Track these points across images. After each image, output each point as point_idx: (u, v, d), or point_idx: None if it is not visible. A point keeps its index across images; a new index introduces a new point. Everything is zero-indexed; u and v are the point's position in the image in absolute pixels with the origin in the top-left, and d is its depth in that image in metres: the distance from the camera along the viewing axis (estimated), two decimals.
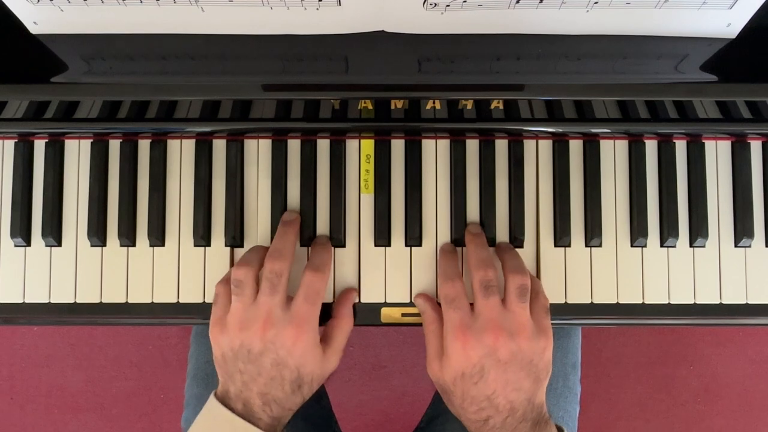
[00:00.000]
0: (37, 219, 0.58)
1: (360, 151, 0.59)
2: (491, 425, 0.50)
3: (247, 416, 0.51)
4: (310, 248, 0.58)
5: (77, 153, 0.59)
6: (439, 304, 0.55)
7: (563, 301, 0.58)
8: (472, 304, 0.53)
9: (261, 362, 0.51)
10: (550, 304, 0.56)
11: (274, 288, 0.52)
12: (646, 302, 0.58)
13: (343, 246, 0.58)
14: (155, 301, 0.58)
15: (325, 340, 0.55)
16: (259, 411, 0.51)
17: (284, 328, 0.51)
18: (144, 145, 0.59)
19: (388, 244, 0.58)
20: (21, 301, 0.58)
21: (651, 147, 0.59)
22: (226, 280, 0.55)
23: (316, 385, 0.54)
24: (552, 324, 0.54)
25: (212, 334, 0.53)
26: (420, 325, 0.57)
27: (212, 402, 0.52)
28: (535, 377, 0.51)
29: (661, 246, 0.59)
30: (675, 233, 0.58)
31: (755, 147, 0.59)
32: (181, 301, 0.58)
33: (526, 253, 0.58)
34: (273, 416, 0.51)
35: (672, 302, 0.58)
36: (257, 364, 0.51)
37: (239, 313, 0.52)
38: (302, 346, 0.51)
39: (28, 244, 0.59)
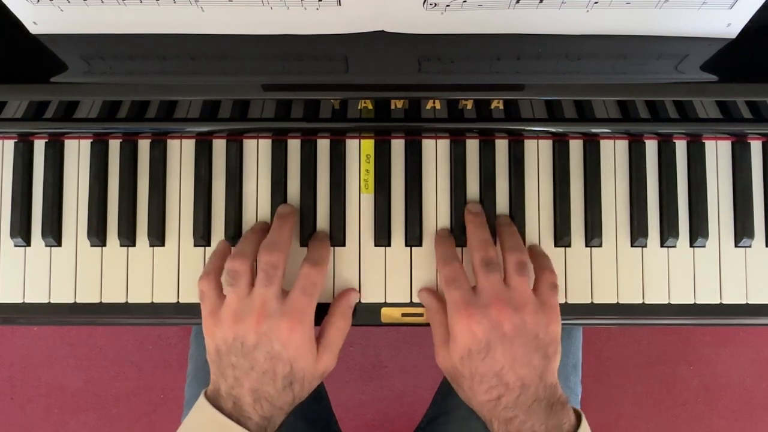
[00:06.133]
0: (37, 219, 0.58)
1: (360, 151, 0.59)
2: (504, 404, 0.50)
3: (236, 415, 0.50)
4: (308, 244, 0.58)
5: (77, 153, 0.59)
6: (444, 304, 0.55)
7: (563, 301, 0.58)
8: (473, 287, 0.53)
9: (254, 356, 0.50)
10: None
11: (270, 279, 0.51)
12: (646, 302, 0.58)
13: (343, 246, 0.58)
14: (155, 301, 0.58)
15: (318, 338, 0.54)
16: (249, 409, 0.50)
17: (279, 321, 0.50)
18: (144, 145, 0.59)
19: (388, 244, 0.58)
20: (21, 301, 0.58)
21: (651, 147, 0.59)
22: (206, 275, 0.54)
23: (308, 385, 0.53)
24: None
25: (206, 327, 0.53)
26: (420, 324, 0.57)
27: (202, 402, 0.51)
28: (543, 353, 0.51)
29: (662, 246, 0.59)
30: (675, 233, 0.58)
31: (755, 147, 0.59)
32: (181, 301, 0.58)
33: None
34: (263, 415, 0.50)
35: (672, 302, 0.58)
36: (250, 357, 0.50)
37: (234, 305, 0.51)
38: (297, 338, 0.50)
39: (28, 244, 0.59)
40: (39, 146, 0.59)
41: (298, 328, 0.50)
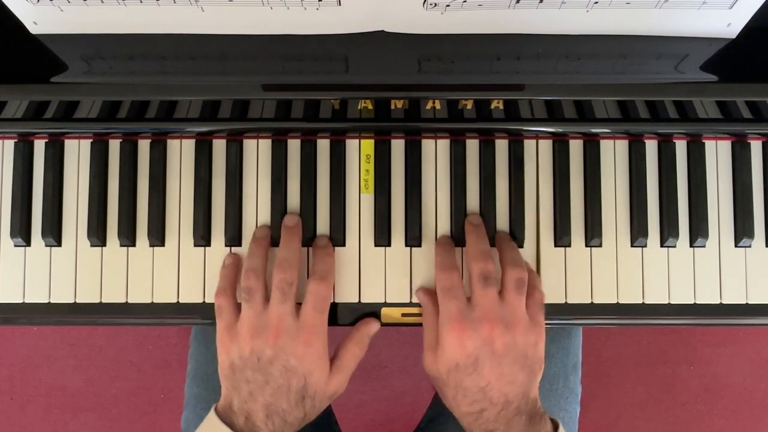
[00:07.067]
0: (37, 219, 0.58)
1: (360, 151, 0.59)
2: (485, 418, 0.50)
3: (247, 430, 0.51)
4: (311, 250, 0.58)
5: (77, 153, 0.59)
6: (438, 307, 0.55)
7: (563, 301, 0.58)
8: (468, 298, 0.53)
9: (270, 370, 0.51)
10: (551, 304, 0.56)
11: (285, 296, 0.52)
12: (646, 302, 0.58)
13: (343, 246, 0.58)
14: (155, 301, 0.58)
15: (333, 359, 0.55)
16: (261, 425, 0.51)
17: (296, 336, 0.51)
18: (144, 145, 0.59)
19: (388, 244, 0.58)
20: (21, 301, 0.58)
21: (651, 147, 0.59)
22: (223, 290, 0.55)
23: (318, 403, 0.53)
24: (552, 324, 0.54)
25: (221, 342, 0.54)
26: (420, 324, 0.57)
27: (212, 418, 0.52)
28: (530, 371, 0.51)
29: (661, 246, 0.59)
30: (675, 233, 0.58)
31: (755, 147, 0.59)
32: (181, 301, 0.58)
33: (526, 253, 0.58)
34: (274, 431, 0.51)
35: (672, 302, 0.58)
36: (266, 372, 0.51)
37: (251, 321, 0.52)
38: (312, 353, 0.51)
39: (28, 244, 0.59)
40: (39, 146, 0.59)
41: (313, 342, 0.52)
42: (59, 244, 0.59)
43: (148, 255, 0.58)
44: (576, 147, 0.59)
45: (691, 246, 0.59)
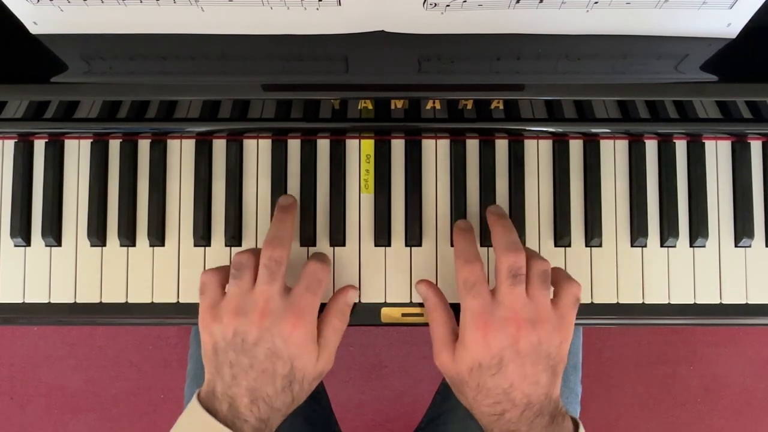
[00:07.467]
0: (37, 219, 0.58)
1: (360, 151, 0.59)
2: (507, 419, 0.49)
3: (231, 417, 0.48)
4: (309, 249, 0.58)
5: (77, 153, 0.59)
6: (445, 301, 0.54)
7: None
8: (492, 290, 0.51)
9: (254, 353, 0.49)
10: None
11: (272, 275, 0.50)
12: (646, 302, 0.58)
13: (343, 246, 0.58)
14: (155, 301, 0.58)
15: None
16: (245, 411, 0.49)
17: (282, 317, 0.49)
18: (144, 145, 0.59)
19: (388, 244, 0.58)
20: (21, 301, 0.58)
21: (651, 147, 0.59)
22: (211, 269, 0.53)
23: (307, 385, 0.51)
24: None
25: (203, 322, 0.51)
26: (420, 324, 0.57)
27: (194, 405, 0.50)
28: (553, 371, 0.50)
29: (661, 246, 0.59)
30: (675, 233, 0.58)
31: (755, 147, 0.59)
32: (181, 301, 0.58)
33: None
34: (260, 417, 0.49)
35: (672, 302, 0.58)
36: (250, 354, 0.49)
37: (236, 299, 0.50)
38: (300, 335, 0.49)
39: (28, 244, 0.59)
40: (39, 146, 0.59)
41: (301, 325, 0.49)
42: (59, 244, 0.59)
43: (148, 255, 0.58)
44: (576, 147, 0.59)
45: (691, 246, 0.59)
